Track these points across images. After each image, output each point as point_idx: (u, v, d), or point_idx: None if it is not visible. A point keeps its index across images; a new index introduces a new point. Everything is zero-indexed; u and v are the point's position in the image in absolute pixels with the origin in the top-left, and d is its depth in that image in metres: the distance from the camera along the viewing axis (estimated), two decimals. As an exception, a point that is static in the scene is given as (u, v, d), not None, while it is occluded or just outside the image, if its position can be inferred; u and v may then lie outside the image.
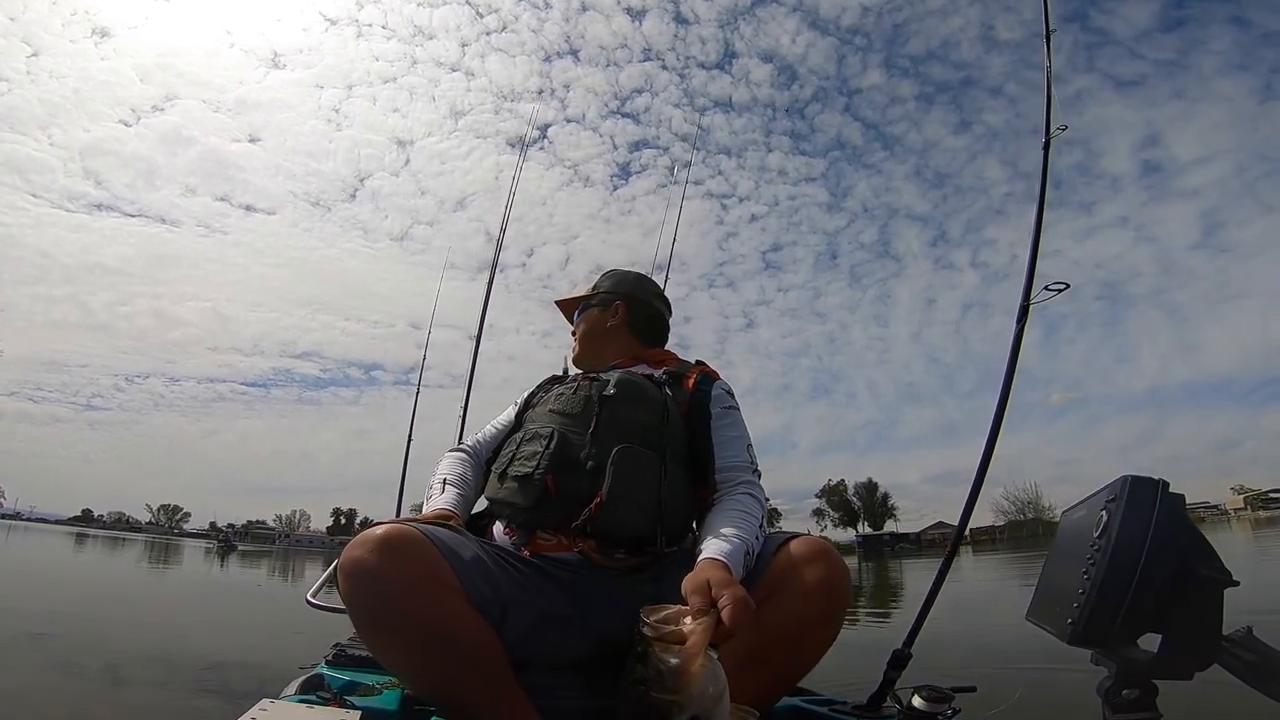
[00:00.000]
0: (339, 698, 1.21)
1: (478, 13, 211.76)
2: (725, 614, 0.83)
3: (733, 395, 1.44)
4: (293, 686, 1.34)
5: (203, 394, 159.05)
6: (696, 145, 4.54)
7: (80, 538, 41.80)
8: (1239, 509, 56.66)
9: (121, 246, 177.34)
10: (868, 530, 75.04)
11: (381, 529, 1.01)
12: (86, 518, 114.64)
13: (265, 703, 1.04)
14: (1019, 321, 1.76)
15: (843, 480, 79.09)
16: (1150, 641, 1.11)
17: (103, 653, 3.89)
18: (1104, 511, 1.21)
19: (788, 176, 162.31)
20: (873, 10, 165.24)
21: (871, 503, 77.22)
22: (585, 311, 1.64)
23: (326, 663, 1.53)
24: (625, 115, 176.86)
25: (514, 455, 1.29)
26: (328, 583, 1.96)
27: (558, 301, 1.73)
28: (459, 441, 1.63)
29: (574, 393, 1.35)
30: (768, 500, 1.31)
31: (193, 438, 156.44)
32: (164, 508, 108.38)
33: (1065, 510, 1.40)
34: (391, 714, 1.20)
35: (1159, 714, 1.09)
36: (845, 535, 71.65)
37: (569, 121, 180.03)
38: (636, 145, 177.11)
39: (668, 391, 1.38)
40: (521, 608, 1.10)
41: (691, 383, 1.41)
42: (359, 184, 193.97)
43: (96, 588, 9.23)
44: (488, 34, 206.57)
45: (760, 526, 1.17)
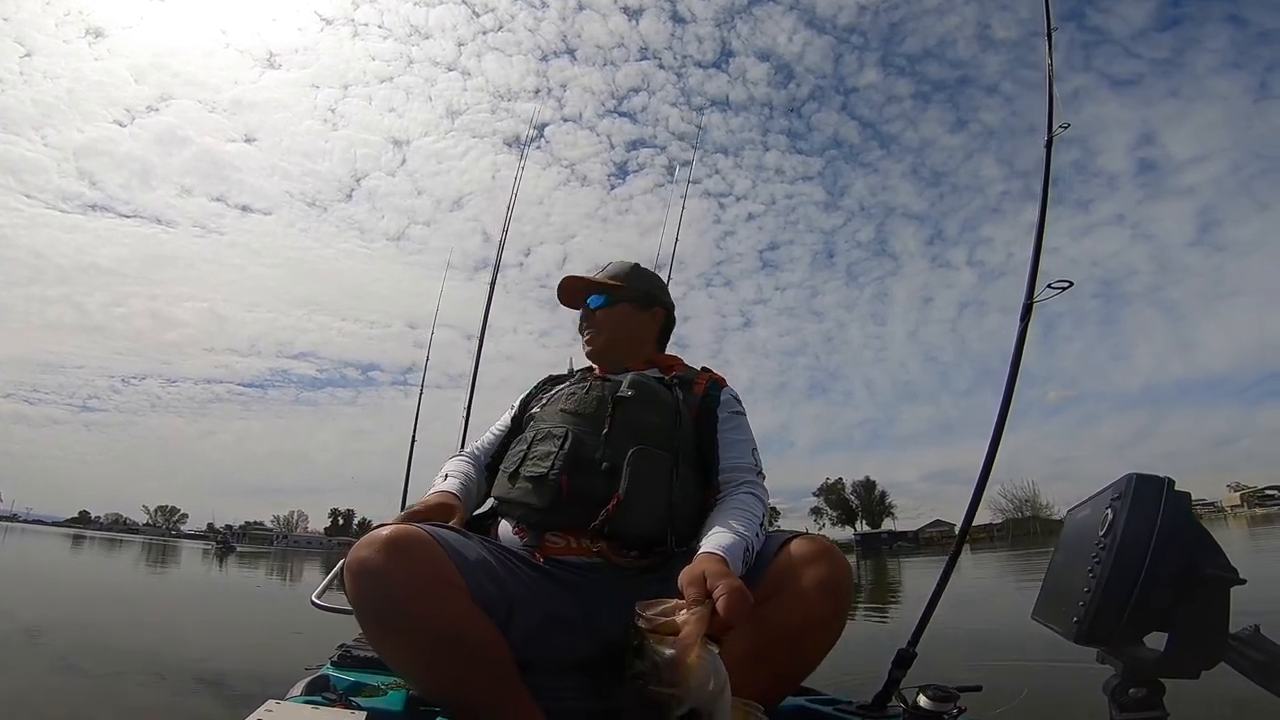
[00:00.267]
0: (344, 699, 1.21)
1: (474, 12, 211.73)
2: (720, 604, 0.82)
3: (739, 401, 1.45)
4: (298, 687, 1.34)
5: (199, 395, 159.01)
6: (696, 145, 4.46)
7: (77, 539, 41.68)
8: (1235, 506, 56.78)
9: (116, 247, 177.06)
10: (865, 529, 75.11)
11: (387, 530, 1.01)
12: (83, 519, 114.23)
13: (271, 704, 1.04)
14: (1022, 320, 1.75)
15: (840, 479, 79.30)
16: (1157, 640, 1.10)
17: (103, 654, 3.87)
18: (1109, 510, 1.20)
19: (785, 175, 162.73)
20: (869, 9, 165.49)
21: (869, 501, 77.30)
22: (616, 305, 1.53)
23: (332, 664, 1.53)
24: (622, 114, 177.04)
25: (525, 454, 1.27)
26: (332, 584, 1.96)
27: (577, 278, 1.55)
28: (462, 441, 1.62)
29: (586, 392, 1.33)
30: (769, 499, 1.30)
31: (190, 439, 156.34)
32: (161, 509, 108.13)
33: (1070, 509, 1.39)
34: (396, 715, 1.20)
35: (1166, 712, 1.08)
36: (843, 534, 71.76)
37: (566, 121, 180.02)
38: (634, 144, 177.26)
39: (679, 395, 1.37)
40: (527, 608, 1.10)
41: (702, 388, 1.42)
42: (355, 184, 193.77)
43: (94, 589, 9.21)
44: (484, 33, 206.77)
45: (761, 525, 1.17)
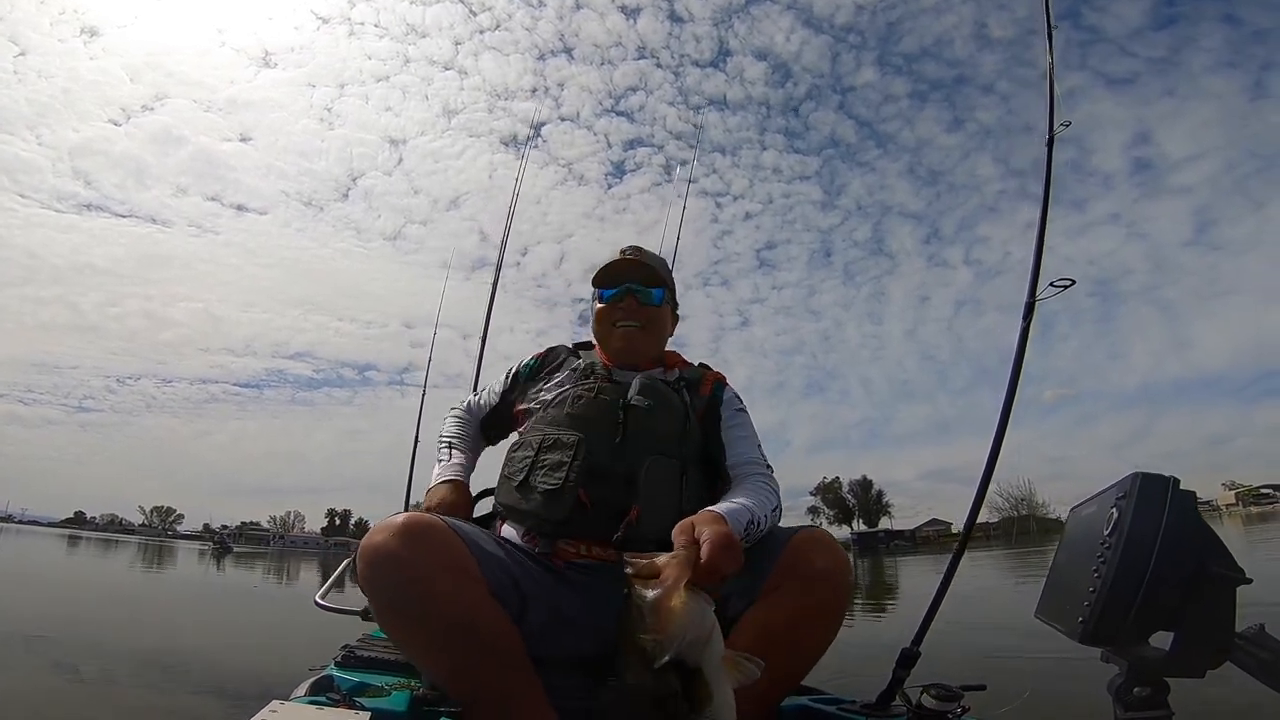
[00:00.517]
0: (348, 699, 1.21)
1: (471, 11, 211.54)
2: (704, 550, 0.82)
3: (741, 400, 1.47)
4: (302, 688, 1.34)
5: (195, 395, 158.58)
6: (695, 144, 4.46)
7: (72, 540, 41.52)
8: (1230, 505, 57.02)
9: (112, 247, 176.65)
10: (862, 528, 75.25)
11: (403, 516, 1.02)
12: (79, 520, 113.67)
13: (275, 704, 1.04)
14: (1025, 318, 1.73)
15: (837, 478, 79.58)
16: (1162, 640, 1.10)
17: (104, 656, 3.85)
18: (1114, 509, 1.19)
19: (782, 174, 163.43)
20: (867, 8, 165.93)
21: (866, 500, 77.44)
22: (662, 304, 1.49)
23: (335, 664, 1.53)
24: (620, 114, 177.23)
25: (533, 463, 1.24)
26: (336, 584, 1.96)
27: (643, 263, 1.45)
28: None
29: (594, 396, 1.30)
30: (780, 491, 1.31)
31: (185, 439, 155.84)
32: (157, 509, 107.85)
33: (1074, 507, 1.38)
34: (400, 715, 1.20)
35: (1171, 712, 1.07)
36: (840, 533, 71.48)
37: (563, 120, 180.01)
38: (631, 144, 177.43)
39: (686, 397, 1.38)
40: (538, 604, 1.11)
41: (708, 388, 1.43)
42: (351, 183, 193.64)
43: (93, 591, 9.17)
44: (481, 32, 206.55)
45: (774, 510, 1.18)
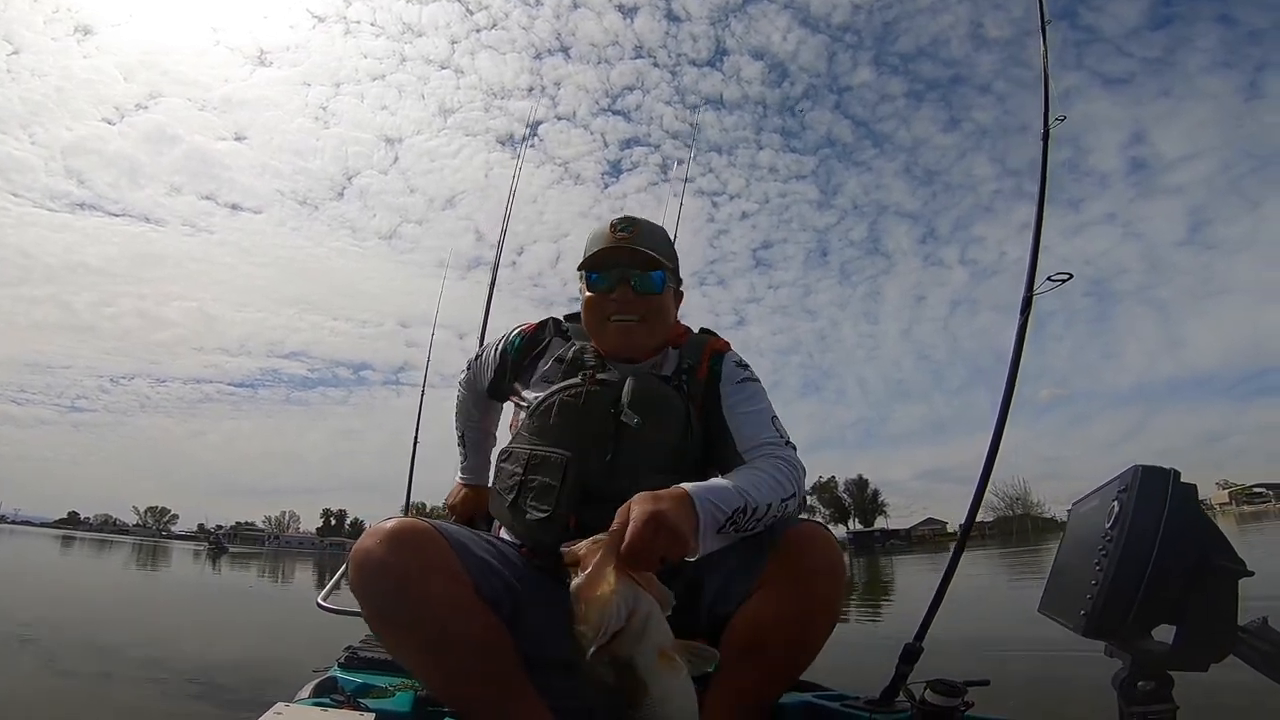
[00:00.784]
0: (352, 700, 1.23)
1: (468, 9, 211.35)
2: (628, 530, 0.79)
3: (746, 366, 1.29)
4: (306, 690, 1.35)
5: (189, 395, 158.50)
6: (690, 143, 4.36)
7: (66, 540, 41.33)
8: (1224, 503, 57.41)
9: (105, 246, 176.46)
10: (858, 527, 75.42)
11: (392, 522, 1.00)
12: (72, 520, 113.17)
13: (280, 706, 1.05)
14: (1022, 313, 1.73)
15: (833, 477, 79.65)
16: (1165, 633, 1.10)
17: (103, 658, 3.82)
18: (1115, 502, 1.19)
19: (778, 174, 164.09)
20: (863, 8, 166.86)
21: (862, 499, 77.63)
22: (667, 290, 1.31)
23: (339, 665, 1.54)
24: (616, 113, 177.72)
25: (522, 484, 1.16)
26: (337, 586, 1.96)
27: (637, 248, 1.25)
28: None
29: (581, 404, 1.17)
30: (803, 473, 1.15)
31: (179, 439, 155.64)
32: (151, 510, 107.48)
33: (1076, 501, 1.38)
34: (404, 716, 1.21)
35: (1175, 705, 1.07)
36: (836, 532, 70.59)
37: (560, 119, 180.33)
38: (628, 143, 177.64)
39: (686, 396, 1.24)
40: (534, 607, 1.08)
41: (704, 370, 1.28)
42: (347, 182, 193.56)
43: (91, 593, 9.14)
44: (478, 31, 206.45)
45: (788, 497, 1.07)
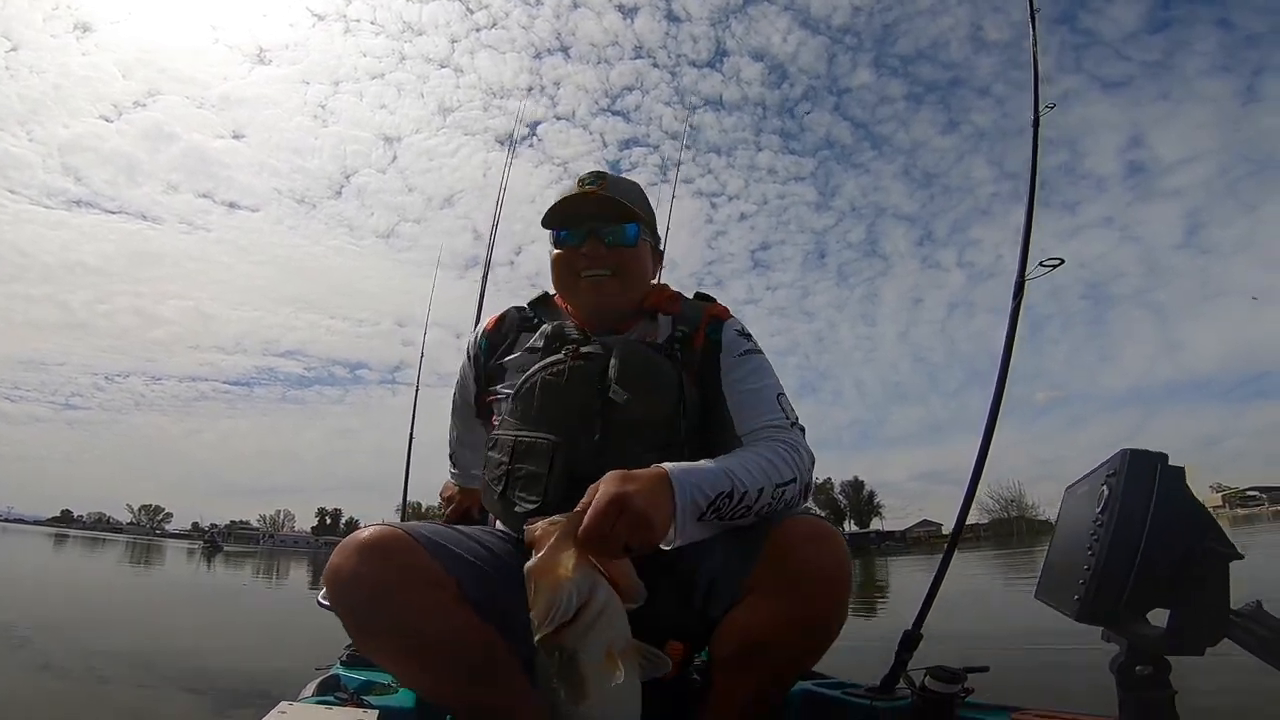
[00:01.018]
0: (356, 698, 1.25)
1: (468, 9, 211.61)
2: (588, 513, 0.75)
3: (748, 335, 1.18)
4: (309, 688, 1.37)
5: (184, 393, 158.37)
6: (686, 144, 4.23)
7: (60, 538, 41.14)
8: (1218, 507, 57.62)
9: (102, 244, 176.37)
10: (854, 528, 75.60)
11: (367, 532, 0.96)
12: (66, 518, 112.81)
13: (284, 705, 1.07)
14: (1015, 298, 1.74)
15: (829, 478, 79.58)
16: (1160, 618, 1.09)
17: (106, 659, 3.77)
18: (1105, 486, 1.18)
19: (777, 175, 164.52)
20: (863, 10, 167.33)
21: (858, 501, 77.85)
22: (642, 243, 1.21)
23: (341, 663, 1.55)
24: (615, 113, 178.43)
25: (509, 474, 1.07)
26: None
27: (605, 195, 1.15)
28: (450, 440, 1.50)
29: (564, 382, 1.07)
30: (812, 462, 1.06)
31: (174, 437, 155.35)
32: (145, 508, 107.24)
33: (1068, 486, 1.37)
34: (408, 711, 1.23)
35: (1173, 690, 1.06)
36: (832, 533, 71.79)
37: (559, 119, 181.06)
38: (627, 143, 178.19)
39: (679, 365, 1.12)
40: (523, 604, 1.03)
41: (701, 340, 1.17)
42: (345, 181, 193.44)
43: (80, 591, 9.06)
44: (477, 30, 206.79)
45: (786, 482, 0.98)
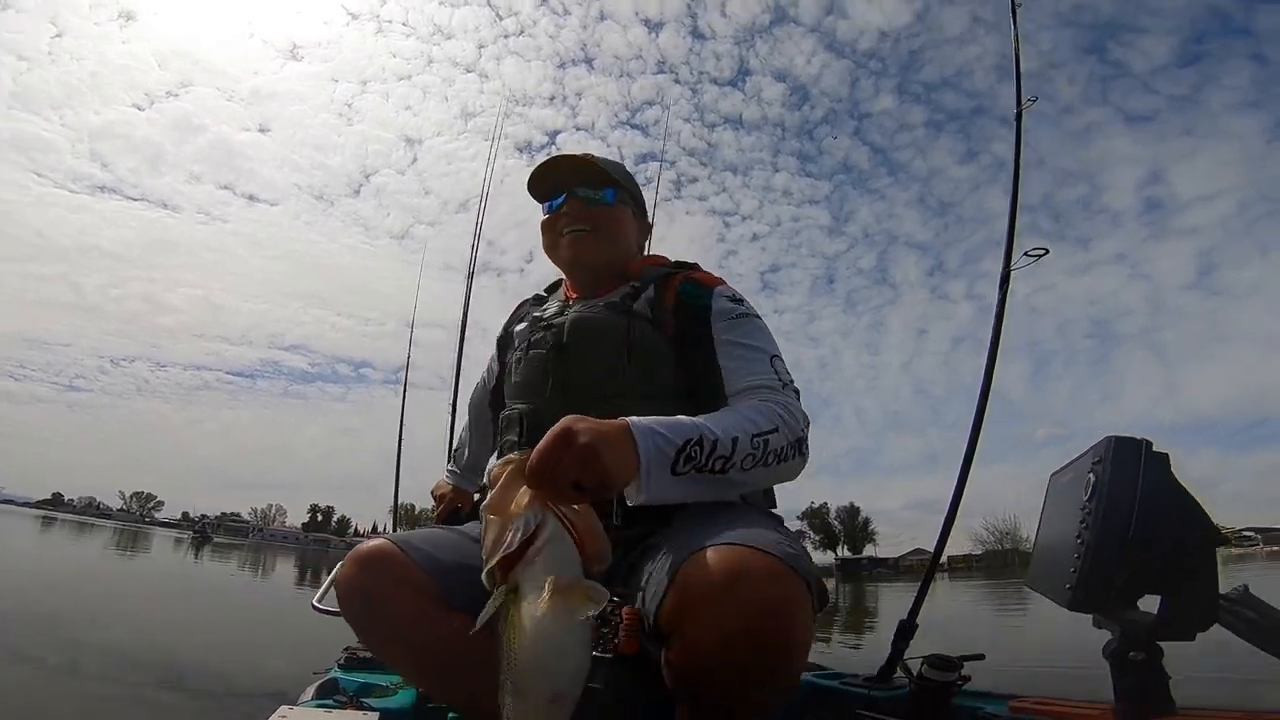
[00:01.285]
0: (356, 700, 1.27)
1: (498, 15, 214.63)
2: (536, 447, 0.75)
3: (741, 301, 1.12)
4: (309, 692, 1.39)
5: (188, 381, 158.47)
6: (664, 157, 4.29)
7: (46, 521, 40.94)
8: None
9: (121, 229, 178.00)
10: (846, 554, 75.17)
11: (363, 545, 1.03)
12: (56, 501, 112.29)
13: (284, 709, 1.09)
14: (1000, 288, 1.77)
15: (825, 503, 79.16)
16: (1151, 604, 1.09)
17: (105, 660, 3.67)
18: (1091, 473, 1.18)
19: (792, 197, 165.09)
20: (890, 35, 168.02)
21: (852, 527, 77.38)
22: (620, 206, 1.21)
23: (339, 667, 1.57)
24: (634, 126, 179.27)
25: (500, 448, 1.19)
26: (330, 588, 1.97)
27: (582, 159, 1.19)
28: (449, 439, 1.55)
29: (527, 352, 1.15)
30: (806, 423, 0.97)
31: (175, 426, 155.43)
32: (136, 495, 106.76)
33: (1053, 474, 1.36)
34: (408, 712, 1.25)
35: (1167, 676, 1.07)
36: (824, 558, 71.60)
37: (578, 130, 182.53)
38: (644, 157, 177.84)
39: (631, 316, 1.08)
40: None
41: (672, 296, 1.11)
42: (364, 180, 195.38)
43: (71, 580, 8.97)
44: (505, 37, 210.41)
45: (768, 433, 0.89)
